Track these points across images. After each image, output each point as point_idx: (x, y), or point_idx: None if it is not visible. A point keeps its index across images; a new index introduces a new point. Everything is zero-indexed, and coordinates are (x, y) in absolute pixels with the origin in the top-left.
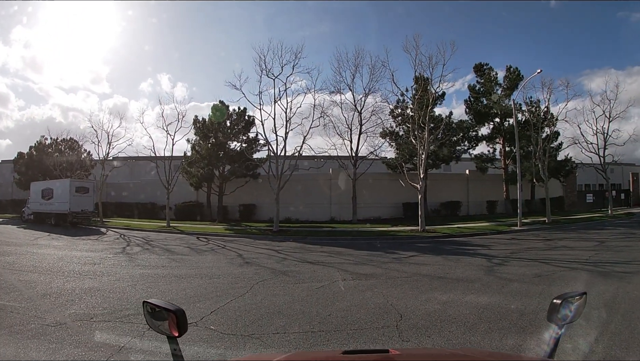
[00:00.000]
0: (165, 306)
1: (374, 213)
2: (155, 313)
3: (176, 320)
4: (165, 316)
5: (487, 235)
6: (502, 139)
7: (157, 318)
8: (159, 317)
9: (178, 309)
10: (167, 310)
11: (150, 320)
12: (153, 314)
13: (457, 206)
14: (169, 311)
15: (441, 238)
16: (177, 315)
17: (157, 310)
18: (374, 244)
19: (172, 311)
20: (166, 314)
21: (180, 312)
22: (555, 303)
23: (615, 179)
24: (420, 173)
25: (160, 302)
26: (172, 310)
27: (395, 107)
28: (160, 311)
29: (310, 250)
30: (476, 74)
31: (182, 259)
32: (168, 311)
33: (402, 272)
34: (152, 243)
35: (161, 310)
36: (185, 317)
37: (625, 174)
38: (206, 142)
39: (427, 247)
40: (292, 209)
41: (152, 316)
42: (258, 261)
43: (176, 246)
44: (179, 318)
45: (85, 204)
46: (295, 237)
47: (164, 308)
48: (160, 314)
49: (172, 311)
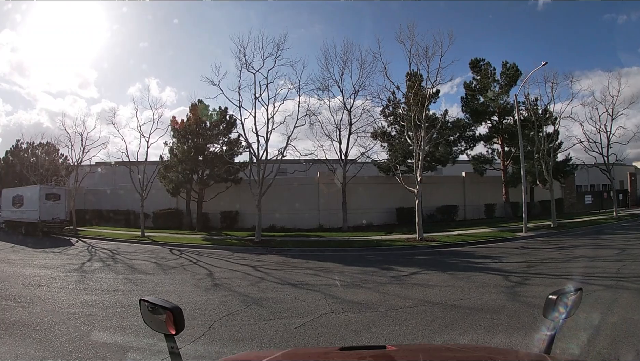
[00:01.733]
0: (162, 304)
1: (365, 219)
2: (152, 311)
3: (173, 317)
4: (162, 314)
5: (492, 243)
6: (501, 139)
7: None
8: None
9: (175, 307)
10: (164, 308)
11: (148, 317)
12: (150, 312)
13: (453, 210)
14: (166, 309)
15: (442, 248)
16: (174, 312)
17: (154, 307)
18: (367, 258)
19: (169, 309)
20: (163, 312)
21: (177, 310)
22: (551, 298)
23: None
24: (417, 176)
25: (157, 300)
26: (169, 307)
27: (387, 105)
28: (157, 309)
29: (293, 266)
30: (472, 70)
31: (141, 281)
32: (165, 309)
33: (406, 299)
34: (118, 256)
35: (158, 308)
36: (182, 315)
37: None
38: (184, 144)
39: (429, 260)
40: (277, 216)
41: (149, 314)
42: (230, 283)
43: (142, 262)
44: (176, 316)
45: (57, 212)
46: (278, 248)
47: (161, 306)
48: (157, 312)
49: (169, 309)
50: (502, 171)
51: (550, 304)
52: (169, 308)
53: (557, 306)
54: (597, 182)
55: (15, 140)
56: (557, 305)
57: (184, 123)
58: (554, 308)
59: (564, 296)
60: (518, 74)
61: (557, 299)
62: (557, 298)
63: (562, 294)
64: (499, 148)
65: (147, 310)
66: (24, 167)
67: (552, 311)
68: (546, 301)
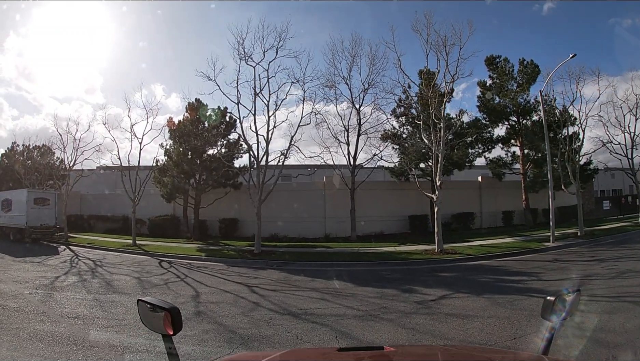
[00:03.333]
0: (160, 304)
1: (375, 228)
2: (150, 312)
3: (171, 318)
4: (160, 315)
5: (520, 256)
6: (519, 141)
7: (152, 317)
8: (154, 315)
9: (173, 307)
10: (162, 308)
11: (146, 318)
12: (148, 312)
13: (470, 217)
14: (163, 309)
15: (467, 262)
16: (172, 313)
17: (152, 308)
18: (382, 275)
19: (167, 309)
20: (161, 312)
21: (175, 310)
22: (549, 300)
23: (617, 184)
24: (437, 180)
25: (155, 300)
26: (167, 308)
27: (398, 104)
28: (155, 310)
29: (296, 286)
30: (488, 68)
31: (112, 304)
32: (163, 309)
33: (442, 338)
34: (100, 269)
35: (156, 308)
36: (180, 315)
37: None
38: (179, 146)
39: (456, 279)
40: (279, 224)
41: (147, 314)
42: (216, 310)
43: (123, 277)
44: (174, 317)
45: (45, 218)
46: (280, 261)
47: (159, 307)
48: (155, 312)
49: (167, 310)
50: (521, 175)
51: (549, 306)
52: (166, 309)
53: (555, 307)
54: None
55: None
56: (555, 306)
57: (180, 124)
58: (552, 310)
59: (562, 297)
60: (537, 72)
61: (555, 300)
62: (555, 300)
63: (559, 296)
64: (517, 151)
65: (145, 310)
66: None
67: (550, 313)
68: (544, 303)
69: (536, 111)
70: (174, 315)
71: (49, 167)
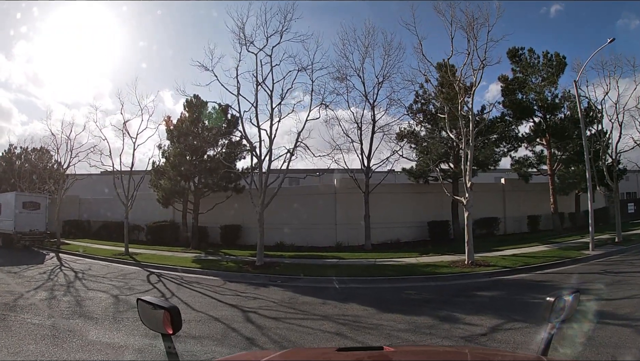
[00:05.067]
0: (159, 303)
1: (391, 235)
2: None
3: (170, 317)
4: (159, 314)
5: (562, 266)
6: (546, 139)
7: (152, 316)
8: (154, 315)
9: (172, 307)
10: (161, 308)
11: (145, 317)
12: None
13: (494, 223)
14: (163, 308)
15: (505, 276)
16: (172, 312)
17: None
18: (408, 294)
19: (167, 308)
20: (160, 312)
21: (175, 310)
22: (548, 301)
23: (631, 187)
24: (467, 180)
25: (154, 300)
26: (167, 307)
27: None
28: (154, 309)
29: (303, 311)
30: (511, 60)
31: (69, 335)
32: (162, 308)
33: None
34: (78, 283)
35: (155, 308)
36: (179, 315)
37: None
38: (176, 148)
39: (501, 300)
40: (286, 231)
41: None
42: (195, 351)
43: (101, 294)
44: (174, 316)
45: (36, 223)
46: (284, 276)
47: (159, 306)
48: (154, 312)
49: (167, 309)
50: (549, 176)
51: (548, 307)
52: (166, 308)
53: (554, 309)
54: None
55: None
56: (554, 307)
57: (178, 122)
58: (551, 311)
59: (561, 298)
60: (564, 63)
61: (555, 302)
62: (554, 301)
63: (559, 297)
64: (543, 150)
65: (145, 309)
66: (13, 174)
67: (549, 314)
68: (543, 304)
69: (563, 106)
70: (173, 314)
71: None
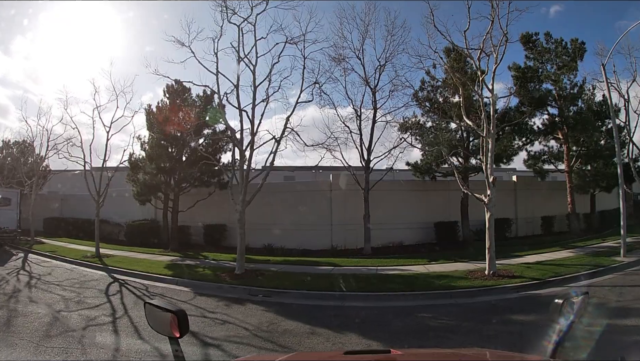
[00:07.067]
0: (166, 307)
1: (393, 238)
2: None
3: (177, 320)
4: (167, 317)
5: (597, 276)
6: (564, 133)
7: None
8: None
9: (179, 310)
10: (168, 311)
11: (152, 320)
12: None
13: (506, 224)
14: (170, 312)
15: (536, 291)
16: (179, 315)
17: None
18: (423, 318)
19: (174, 312)
20: (168, 315)
21: (181, 313)
22: (557, 303)
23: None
24: (489, 174)
25: (161, 303)
26: (174, 310)
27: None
28: (161, 312)
29: (283, 346)
30: (524, 47)
31: None
32: (169, 312)
33: None
34: (27, 291)
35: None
36: (186, 318)
37: None
38: (155, 137)
39: (543, 325)
40: (275, 232)
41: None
42: None
43: (41, 309)
44: (181, 319)
45: (5, 220)
46: (268, 289)
47: (166, 309)
48: (162, 315)
49: (174, 312)
50: (566, 173)
51: (556, 308)
52: (173, 311)
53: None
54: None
55: None
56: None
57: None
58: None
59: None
60: (583, 49)
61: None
62: (563, 302)
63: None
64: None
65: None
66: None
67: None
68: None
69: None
70: (180, 317)
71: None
